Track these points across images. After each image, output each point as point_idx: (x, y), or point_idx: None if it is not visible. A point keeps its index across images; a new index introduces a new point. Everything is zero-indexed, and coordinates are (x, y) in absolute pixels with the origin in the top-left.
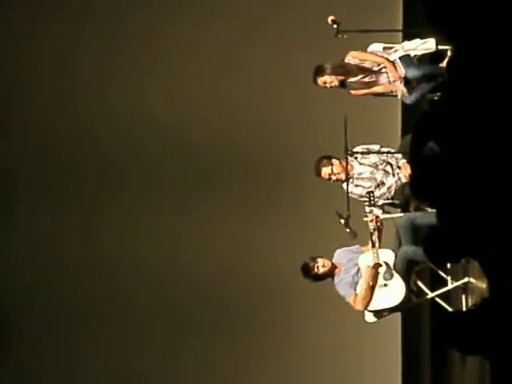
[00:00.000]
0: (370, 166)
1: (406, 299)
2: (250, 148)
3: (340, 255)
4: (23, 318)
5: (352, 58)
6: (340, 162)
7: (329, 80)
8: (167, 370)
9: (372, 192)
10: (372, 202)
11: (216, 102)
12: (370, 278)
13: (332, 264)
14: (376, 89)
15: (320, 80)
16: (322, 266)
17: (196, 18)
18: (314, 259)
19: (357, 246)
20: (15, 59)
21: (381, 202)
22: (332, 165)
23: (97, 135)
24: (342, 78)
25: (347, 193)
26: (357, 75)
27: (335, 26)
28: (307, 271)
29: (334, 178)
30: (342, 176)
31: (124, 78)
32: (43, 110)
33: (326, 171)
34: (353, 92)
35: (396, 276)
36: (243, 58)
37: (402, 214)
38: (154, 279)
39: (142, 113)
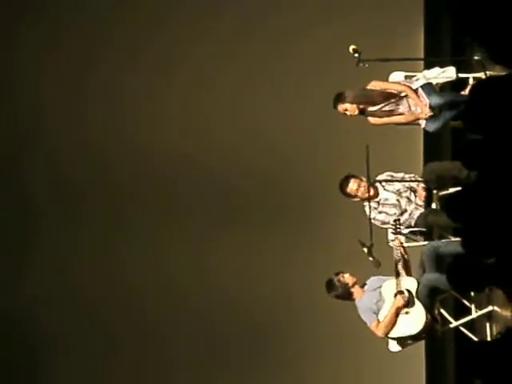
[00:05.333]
0: (394, 192)
1: (427, 327)
2: (274, 176)
3: (371, 281)
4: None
5: (373, 87)
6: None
7: (349, 108)
8: None
9: (398, 220)
10: (398, 230)
11: (241, 133)
12: (396, 306)
13: (356, 281)
14: (396, 119)
15: (341, 107)
16: (346, 277)
17: (215, 45)
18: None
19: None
20: (29, 94)
21: (405, 231)
22: (361, 181)
23: (119, 167)
24: (362, 106)
25: (370, 222)
26: (378, 103)
27: (356, 55)
28: (329, 282)
29: (360, 191)
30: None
31: (140, 108)
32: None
33: (352, 186)
34: (372, 121)
35: (417, 304)
36: (265, 87)
37: (425, 242)
38: (181, 305)
39: (162, 143)
